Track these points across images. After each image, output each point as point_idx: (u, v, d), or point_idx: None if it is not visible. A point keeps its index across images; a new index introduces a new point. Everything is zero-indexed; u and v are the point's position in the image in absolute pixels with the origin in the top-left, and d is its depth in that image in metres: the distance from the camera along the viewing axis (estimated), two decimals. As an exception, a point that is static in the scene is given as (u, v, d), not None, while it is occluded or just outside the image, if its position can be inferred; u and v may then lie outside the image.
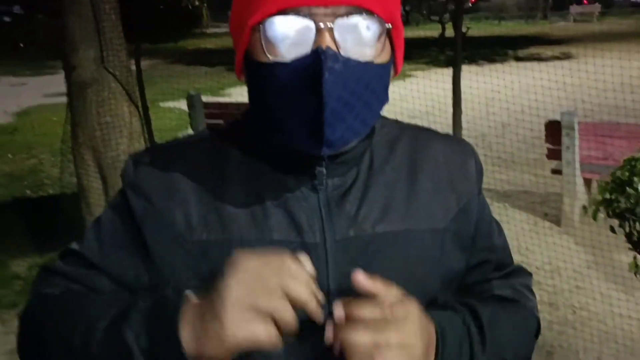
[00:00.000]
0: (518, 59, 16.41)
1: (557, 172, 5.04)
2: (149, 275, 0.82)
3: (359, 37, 0.72)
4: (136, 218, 0.82)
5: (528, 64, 13.52)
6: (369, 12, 0.72)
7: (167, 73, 15.77)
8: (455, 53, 5.52)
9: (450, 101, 5.55)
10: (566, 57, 15.43)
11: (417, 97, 8.49)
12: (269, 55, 0.73)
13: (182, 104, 8.42)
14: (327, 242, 0.79)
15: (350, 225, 0.80)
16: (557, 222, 4.95)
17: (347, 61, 0.71)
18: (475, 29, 18.01)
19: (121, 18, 3.54)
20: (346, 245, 0.79)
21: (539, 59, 15.62)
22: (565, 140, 4.72)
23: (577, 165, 4.76)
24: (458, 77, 5.46)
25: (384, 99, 0.80)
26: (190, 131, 6.35)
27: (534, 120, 6.33)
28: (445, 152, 0.90)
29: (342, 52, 0.71)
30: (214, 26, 23.95)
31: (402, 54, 0.83)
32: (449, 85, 5.56)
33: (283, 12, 0.71)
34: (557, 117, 4.86)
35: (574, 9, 29.91)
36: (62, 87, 3.89)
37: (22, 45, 22.50)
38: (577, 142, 4.72)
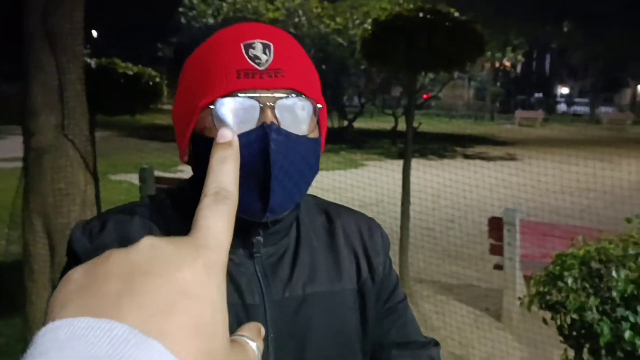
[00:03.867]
0: (466, 156, 16.95)
1: (498, 267, 5.13)
2: None
3: (296, 115, 0.85)
4: None
5: (476, 162, 14.09)
6: (303, 95, 0.86)
7: (119, 145, 15.65)
8: (405, 146, 5.72)
9: (400, 192, 5.71)
10: (511, 157, 15.94)
11: (368, 185, 8.71)
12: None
13: (133, 178, 8.28)
14: (266, 303, 0.90)
15: (284, 288, 0.93)
16: (498, 317, 5.02)
17: (288, 134, 0.83)
18: (427, 124, 18.63)
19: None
20: (282, 305, 0.92)
21: (485, 157, 16.12)
22: (506, 236, 4.86)
23: (518, 261, 4.86)
24: (408, 169, 5.64)
25: (315, 169, 0.91)
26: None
27: (481, 215, 6.53)
28: (356, 224, 1.06)
29: (283, 127, 0.83)
30: (170, 103, 23.74)
31: (326, 133, 0.96)
32: (399, 176, 5.72)
33: (231, 94, 0.83)
34: (501, 214, 5.01)
35: (519, 113, 31.32)
36: (7, 153, 3.74)
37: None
38: (518, 239, 4.83)
